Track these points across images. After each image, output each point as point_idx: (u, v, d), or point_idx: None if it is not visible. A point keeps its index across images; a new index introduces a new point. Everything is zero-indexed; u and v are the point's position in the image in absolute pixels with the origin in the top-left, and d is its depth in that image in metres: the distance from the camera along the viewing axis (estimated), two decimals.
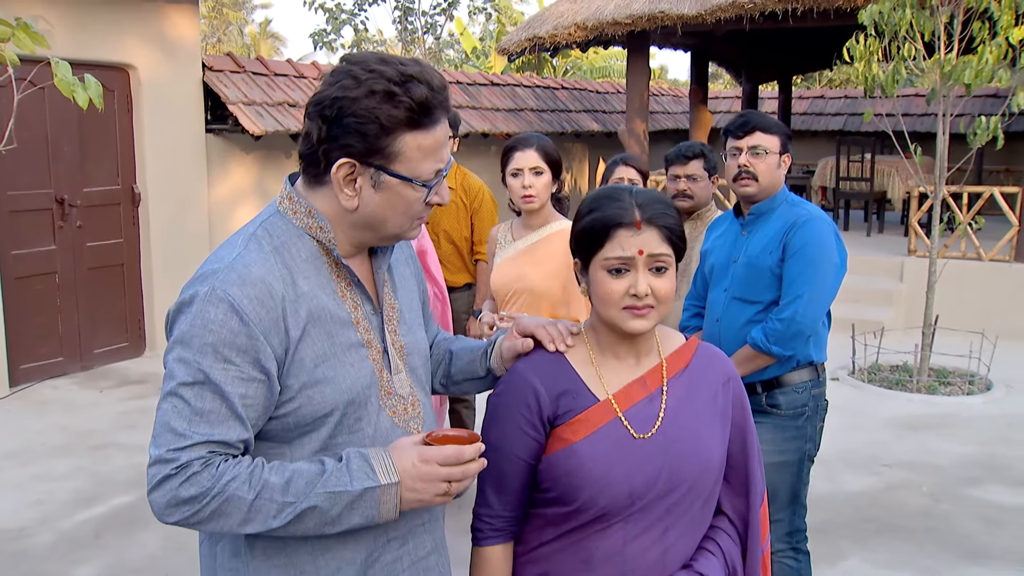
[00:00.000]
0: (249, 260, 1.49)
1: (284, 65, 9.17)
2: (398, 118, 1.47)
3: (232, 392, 1.44)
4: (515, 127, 11.13)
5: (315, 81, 9.20)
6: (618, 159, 3.99)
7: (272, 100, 8.42)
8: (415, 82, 1.48)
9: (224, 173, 8.32)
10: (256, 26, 31.33)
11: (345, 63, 1.51)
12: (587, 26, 9.54)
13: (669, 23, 9.21)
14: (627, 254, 1.67)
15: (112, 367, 7.39)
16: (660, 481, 1.69)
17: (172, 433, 1.44)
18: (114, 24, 7.19)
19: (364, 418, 1.58)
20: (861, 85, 6.75)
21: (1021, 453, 5.53)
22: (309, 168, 1.56)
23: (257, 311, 1.45)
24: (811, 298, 2.97)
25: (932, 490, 4.97)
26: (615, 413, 1.71)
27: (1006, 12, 6.06)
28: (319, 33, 18.04)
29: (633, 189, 1.75)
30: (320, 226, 1.56)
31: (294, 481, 1.46)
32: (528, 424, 1.71)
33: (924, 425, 6.09)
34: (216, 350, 1.43)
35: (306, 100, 8.54)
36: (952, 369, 7.24)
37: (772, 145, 3.09)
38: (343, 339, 1.56)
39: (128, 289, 7.63)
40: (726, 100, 17.20)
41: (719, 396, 1.79)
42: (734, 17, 8.94)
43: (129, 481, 5.00)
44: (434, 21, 18.72)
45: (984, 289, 8.46)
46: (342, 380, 1.54)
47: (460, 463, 1.50)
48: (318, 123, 1.49)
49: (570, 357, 1.77)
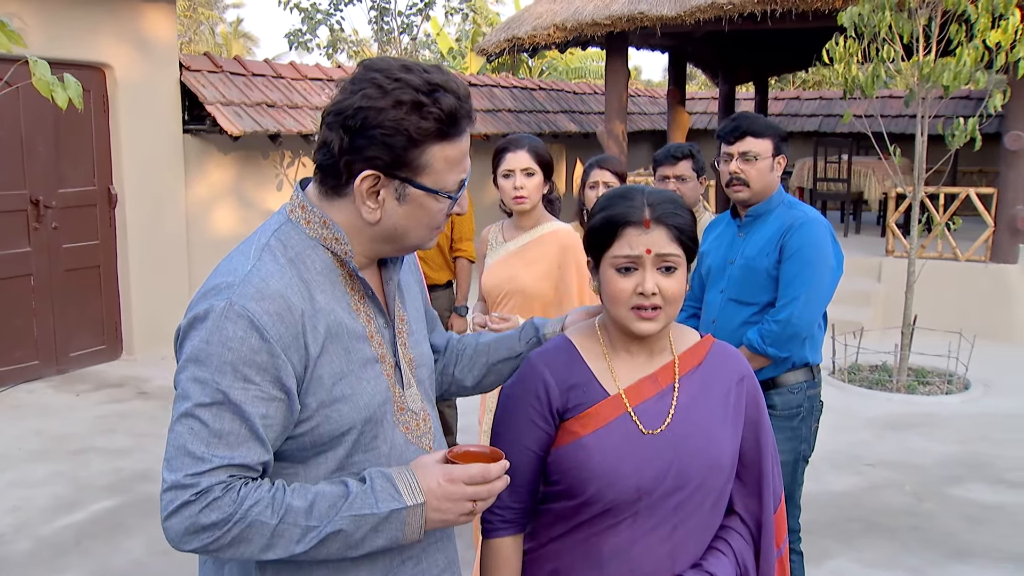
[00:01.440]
0: (266, 273, 1.44)
1: (262, 65, 9.11)
2: (427, 130, 1.43)
3: (252, 412, 1.38)
4: (493, 128, 11.12)
5: (293, 81, 9.15)
6: (594, 162, 3.98)
7: (250, 100, 8.36)
8: (442, 91, 1.44)
9: (201, 174, 8.25)
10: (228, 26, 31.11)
11: (366, 70, 1.45)
12: (566, 27, 9.54)
13: (648, 24, 9.23)
14: (635, 252, 1.68)
15: (89, 370, 7.30)
16: (669, 477, 1.69)
17: (190, 457, 1.37)
18: (89, 23, 7.11)
19: (380, 435, 1.54)
20: (837, 86, 6.81)
21: (1001, 452, 5.60)
22: (327, 179, 1.50)
23: (277, 327, 1.40)
24: (807, 300, 2.99)
25: (915, 489, 5.02)
26: (625, 408, 1.72)
27: (983, 15, 6.13)
28: (294, 33, 17.93)
29: (646, 189, 1.75)
30: (336, 237, 1.51)
31: (317, 504, 1.41)
32: (538, 415, 1.73)
33: (905, 424, 6.14)
34: (235, 369, 1.37)
35: (284, 100, 8.60)
36: (931, 369, 7.32)
37: (763, 149, 3.10)
38: (359, 355, 1.52)
39: (105, 291, 7.54)
40: (702, 101, 17.27)
41: (732, 394, 1.79)
42: (713, 18, 8.97)
43: (110, 486, 4.94)
44: (410, 21, 18.66)
45: (960, 289, 8.56)
46: (359, 397, 1.50)
47: (486, 481, 1.47)
48: (340, 133, 1.44)
49: (583, 351, 1.78)
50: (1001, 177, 8.64)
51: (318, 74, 9.62)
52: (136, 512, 4.62)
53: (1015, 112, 8.18)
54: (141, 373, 7.22)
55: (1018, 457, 5.49)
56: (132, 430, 5.87)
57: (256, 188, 8.72)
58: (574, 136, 13.08)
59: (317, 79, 9.50)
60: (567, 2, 9.74)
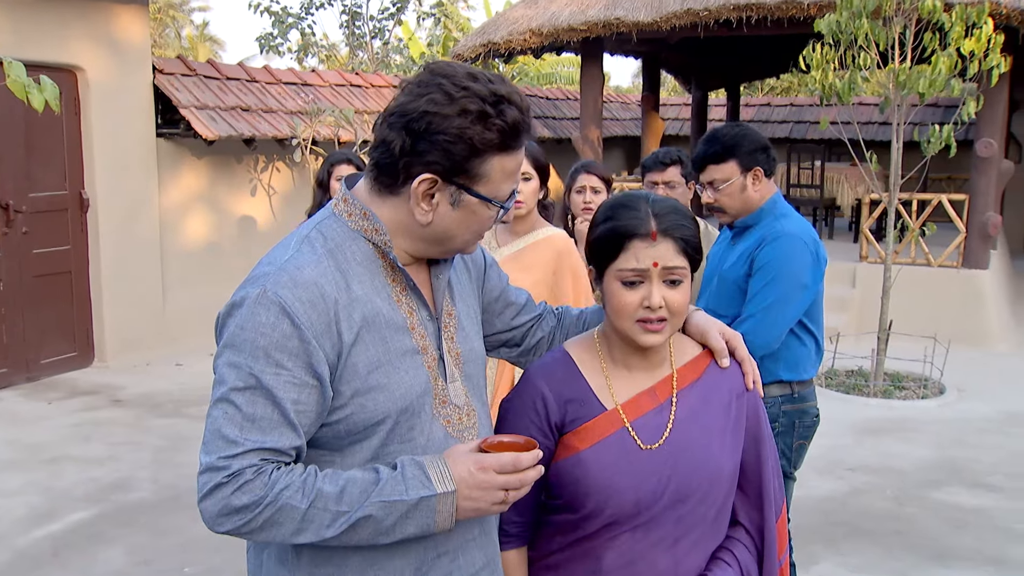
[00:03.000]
0: (301, 262, 1.47)
1: (236, 69, 9.04)
2: (490, 141, 1.46)
3: (284, 397, 1.42)
4: None
5: (267, 85, 9.10)
6: (580, 167, 3.95)
7: (225, 104, 8.29)
8: (507, 104, 1.47)
9: (175, 178, 8.16)
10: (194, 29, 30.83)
11: (431, 75, 1.48)
12: (542, 32, 9.56)
13: (624, 30, 9.27)
14: (641, 266, 1.67)
15: (60, 378, 7.19)
16: (668, 492, 1.70)
17: (223, 440, 1.41)
18: (60, 24, 7.01)
19: (417, 427, 1.55)
20: (807, 93, 6.88)
21: (977, 455, 5.67)
22: (383, 177, 1.53)
23: (309, 314, 1.43)
24: (764, 318, 2.90)
25: (896, 494, 5.07)
26: (622, 423, 1.72)
27: (957, 24, 6.22)
28: (265, 37, 17.78)
29: (650, 197, 1.74)
30: (376, 228, 1.54)
31: (348, 490, 1.44)
32: (537, 429, 1.73)
33: (883, 429, 6.21)
34: (268, 354, 1.41)
35: (259, 105, 8.54)
36: (906, 373, 7.40)
37: (727, 174, 3.01)
38: (397, 345, 1.54)
39: (76, 297, 7.43)
40: (674, 107, 17.38)
41: (733, 407, 1.78)
42: (688, 24, 9.03)
43: (87, 496, 4.86)
44: (382, 26, 18.59)
45: (933, 295, 8.67)
46: (396, 387, 1.52)
47: (518, 471, 1.47)
48: (403, 135, 1.46)
49: (581, 365, 1.78)
50: (972, 184, 8.77)
51: (292, 78, 9.56)
52: (114, 522, 4.55)
53: (986, 120, 8.32)
54: (114, 381, 7.12)
55: (995, 461, 5.57)
56: (107, 439, 5.79)
57: (230, 193, 8.65)
58: (548, 142, 13.10)
59: (291, 83, 9.44)
60: (543, 7, 9.76)
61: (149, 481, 5.08)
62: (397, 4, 17.91)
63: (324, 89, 9.72)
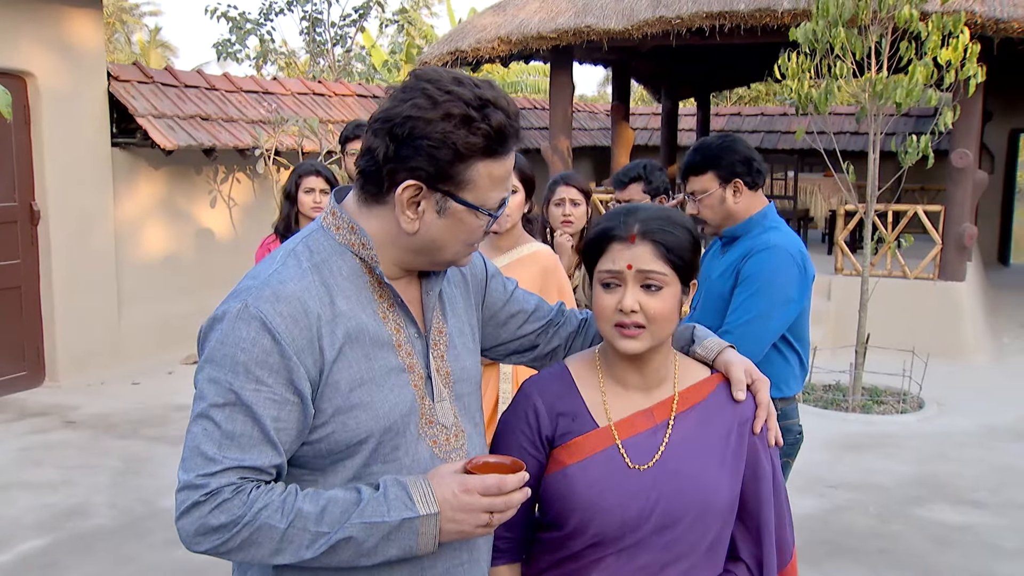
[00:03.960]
0: (285, 276, 1.48)
1: (195, 76, 8.93)
2: (475, 145, 1.46)
3: (264, 414, 1.42)
4: None
5: (227, 94, 9.00)
6: (559, 179, 3.93)
7: (183, 113, 8.18)
8: (492, 107, 1.47)
9: (131, 190, 8.02)
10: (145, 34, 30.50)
11: (417, 79, 1.48)
12: (511, 40, 9.56)
13: (595, 38, 9.30)
14: (616, 267, 1.69)
15: (8, 399, 7.01)
16: (655, 515, 1.69)
17: (202, 457, 1.41)
18: (9, 27, 6.87)
19: (402, 447, 1.55)
20: (777, 102, 6.93)
21: (959, 471, 5.71)
22: (367, 186, 1.53)
23: (290, 329, 1.43)
24: (746, 332, 2.88)
25: (879, 511, 5.08)
26: (613, 440, 1.72)
27: (934, 33, 6.30)
28: (223, 43, 17.63)
29: (644, 205, 1.77)
30: (363, 242, 1.53)
31: (328, 510, 1.43)
32: (528, 442, 1.75)
33: (862, 445, 6.23)
34: (247, 370, 1.41)
35: (219, 113, 8.44)
36: (884, 388, 7.45)
37: (706, 184, 3.02)
38: (382, 362, 1.53)
39: (26, 314, 7.26)
40: (643, 116, 17.46)
41: (734, 436, 1.76)
42: (661, 33, 9.07)
43: (39, 524, 4.73)
44: (343, 33, 18.52)
45: (910, 307, 8.75)
46: (379, 405, 1.51)
47: (503, 493, 1.46)
48: (386, 141, 1.46)
49: (578, 380, 1.79)
50: (948, 195, 8.89)
51: (253, 86, 9.46)
52: (70, 551, 4.43)
53: (961, 130, 8.43)
54: (67, 401, 6.96)
55: (977, 476, 5.61)
56: (60, 463, 5.64)
57: (189, 204, 8.52)
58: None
59: (252, 91, 9.35)
60: (512, 15, 9.76)
61: (106, 506, 4.96)
62: (359, 11, 17.83)
63: (286, 98, 9.64)
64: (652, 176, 3.88)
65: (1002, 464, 5.83)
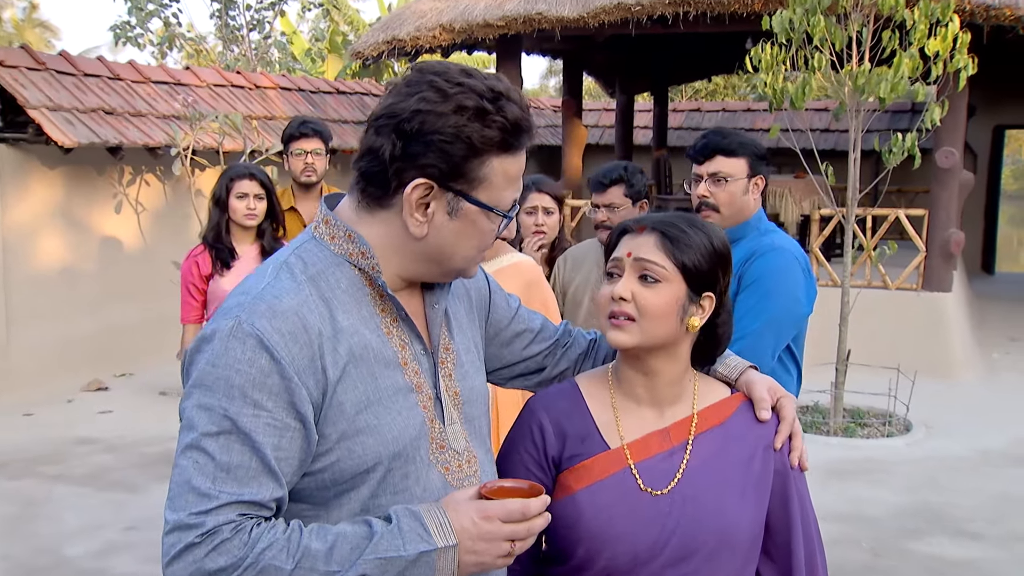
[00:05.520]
0: (280, 290, 1.48)
1: (96, 64, 8.75)
2: (490, 139, 1.48)
3: (264, 442, 1.41)
4: None
5: (134, 84, 8.85)
6: (530, 183, 3.93)
7: (84, 106, 8.00)
8: (506, 100, 1.50)
9: (21, 192, 7.79)
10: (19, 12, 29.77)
11: (422, 73, 1.50)
12: (454, 28, 9.53)
13: (547, 26, 9.32)
14: (618, 255, 1.77)
15: None
16: (670, 546, 1.70)
17: (194, 493, 1.39)
18: None
19: (411, 475, 1.56)
20: (735, 96, 6.99)
21: (955, 500, 5.79)
22: (370, 188, 1.54)
23: (290, 347, 1.43)
24: (759, 339, 2.94)
25: (871, 544, 5.12)
26: (626, 463, 1.75)
27: (921, 21, 6.40)
28: (122, 26, 17.32)
29: (678, 212, 1.83)
30: (362, 252, 1.54)
31: (338, 547, 1.42)
32: (534, 463, 1.78)
33: (848, 472, 6.29)
34: (244, 393, 1.41)
35: (125, 107, 8.28)
36: (866, 409, 7.55)
37: (735, 170, 3.09)
38: (388, 382, 1.54)
39: None
40: (593, 113, 17.54)
41: (758, 460, 1.79)
42: (619, 21, 9.12)
43: None
44: (261, 17, 18.33)
45: (891, 320, 8.89)
46: (387, 429, 1.52)
47: (526, 519, 1.48)
48: (392, 138, 1.48)
49: (588, 398, 1.82)
50: (932, 197, 9.05)
51: (163, 76, 9.31)
52: None
53: (946, 127, 8.56)
54: None
55: (975, 506, 5.69)
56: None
57: (90, 209, 8.32)
58: None
59: (162, 82, 9.20)
60: (455, 0, 9.73)
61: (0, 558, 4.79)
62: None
63: (201, 90, 9.50)
64: (634, 179, 3.90)
65: (1000, 492, 5.92)
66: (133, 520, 5.20)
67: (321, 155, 4.92)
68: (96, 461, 6.23)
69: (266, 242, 4.17)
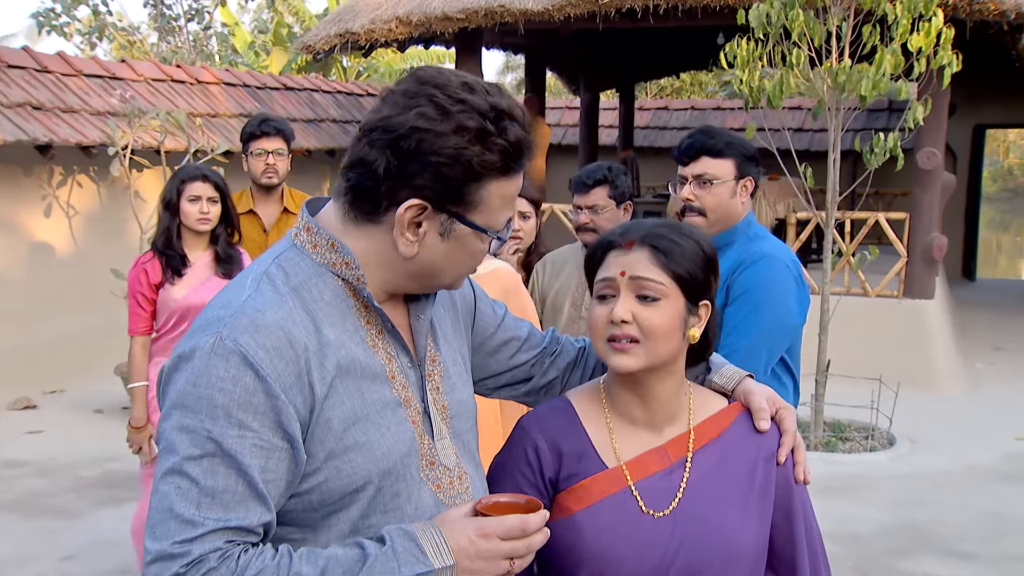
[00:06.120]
0: (262, 303, 1.48)
1: (20, 55, 8.59)
2: (490, 163, 1.50)
3: (250, 464, 1.42)
4: (315, 142, 10.91)
5: (64, 78, 8.72)
6: None
7: (9, 100, 7.85)
8: (508, 120, 1.51)
9: None
10: None
11: (420, 84, 1.50)
12: (411, 21, 9.51)
13: (510, 19, 9.32)
14: (610, 274, 1.76)
15: None
16: (674, 568, 1.72)
17: (177, 521, 1.39)
18: None
19: (402, 493, 1.57)
20: (702, 94, 7.01)
21: (943, 517, 5.84)
22: (360, 203, 1.54)
23: (275, 364, 1.43)
24: (752, 353, 2.95)
25: (857, 564, 5.15)
26: (625, 483, 1.77)
27: (904, 16, 6.46)
28: (45, 14, 17.06)
29: (659, 220, 1.84)
30: (346, 261, 1.55)
31: (330, 571, 1.43)
32: (530, 485, 1.79)
33: (831, 488, 6.33)
34: (228, 413, 1.41)
35: (55, 102, 8.15)
36: (847, 422, 7.60)
37: (722, 172, 3.09)
38: (376, 396, 1.55)
39: None
40: (555, 111, 17.56)
41: (759, 472, 1.81)
42: (586, 14, 9.15)
43: None
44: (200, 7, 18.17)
45: (872, 329, 8.96)
46: (376, 446, 1.53)
47: (525, 535, 1.49)
48: (387, 154, 1.48)
49: (583, 416, 1.84)
50: (914, 200, 9.14)
51: (96, 69, 9.19)
52: None
53: (928, 127, 8.64)
54: None
55: (963, 523, 5.74)
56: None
57: (16, 212, 8.16)
58: None
59: (96, 76, 9.08)
60: None
61: None
62: None
63: (138, 84, 9.39)
64: (618, 179, 3.91)
65: (989, 509, 5.98)
66: (69, 550, 5.09)
67: (283, 155, 4.86)
68: (25, 486, 6.10)
69: (220, 248, 4.10)
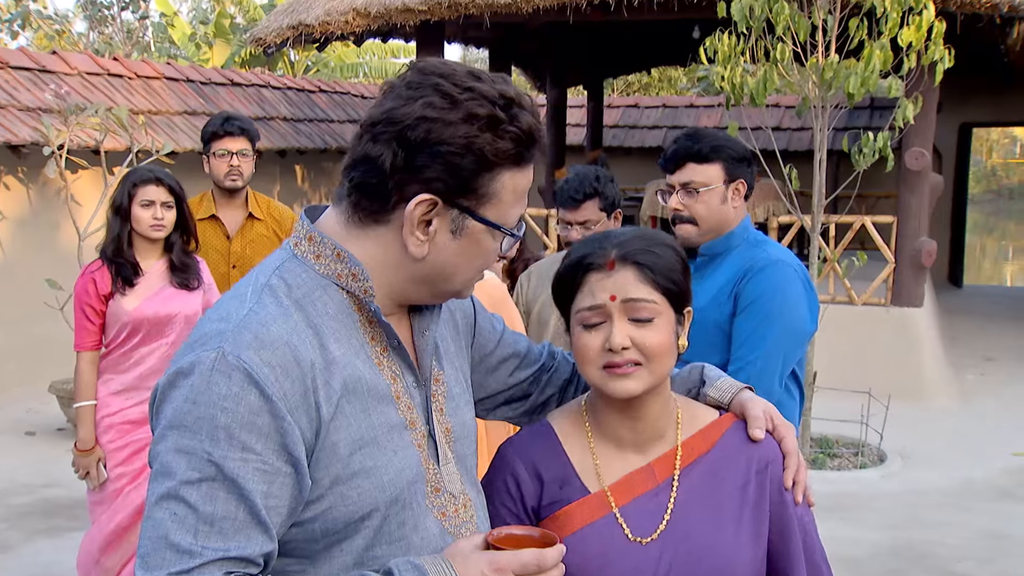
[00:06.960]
0: (266, 316, 1.47)
1: None
2: (504, 152, 1.51)
3: (253, 489, 1.40)
4: (266, 142, 10.86)
5: (19, 71, 8.65)
6: None
7: None
8: (518, 107, 1.52)
9: None
10: None
11: (423, 74, 1.52)
12: (369, 12, 9.52)
13: (475, 12, 9.35)
14: (598, 301, 1.75)
15: None
16: None
17: (173, 550, 1.37)
18: None
19: (408, 522, 1.57)
20: (674, 91, 7.07)
21: (939, 538, 5.93)
22: (366, 203, 1.55)
23: (281, 382, 1.42)
24: (766, 364, 2.99)
25: None
26: (609, 508, 1.78)
27: (893, 9, 6.55)
28: None
29: (617, 230, 1.85)
30: (353, 273, 1.55)
31: None
32: (512, 516, 1.80)
33: (822, 507, 6.27)
34: (231, 434, 1.39)
35: (10, 101, 8.01)
36: (835, 437, 7.68)
37: (711, 177, 3.11)
38: (382, 418, 1.55)
39: None
40: None
41: (752, 485, 1.83)
42: (555, 6, 9.20)
43: None
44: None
45: (858, 339, 9.07)
46: (383, 472, 1.53)
47: (541, 571, 1.48)
48: (393, 147, 1.48)
49: (563, 439, 1.85)
50: (901, 203, 9.26)
51: (25, 62, 9.15)
52: None
53: (916, 125, 8.77)
54: None
55: (960, 544, 5.83)
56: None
57: None
58: None
59: (25, 69, 9.04)
60: None
61: None
62: None
63: (71, 78, 9.35)
64: (607, 189, 3.88)
65: (987, 529, 6.08)
66: None
67: (248, 156, 4.85)
68: None
69: (175, 256, 4.08)
